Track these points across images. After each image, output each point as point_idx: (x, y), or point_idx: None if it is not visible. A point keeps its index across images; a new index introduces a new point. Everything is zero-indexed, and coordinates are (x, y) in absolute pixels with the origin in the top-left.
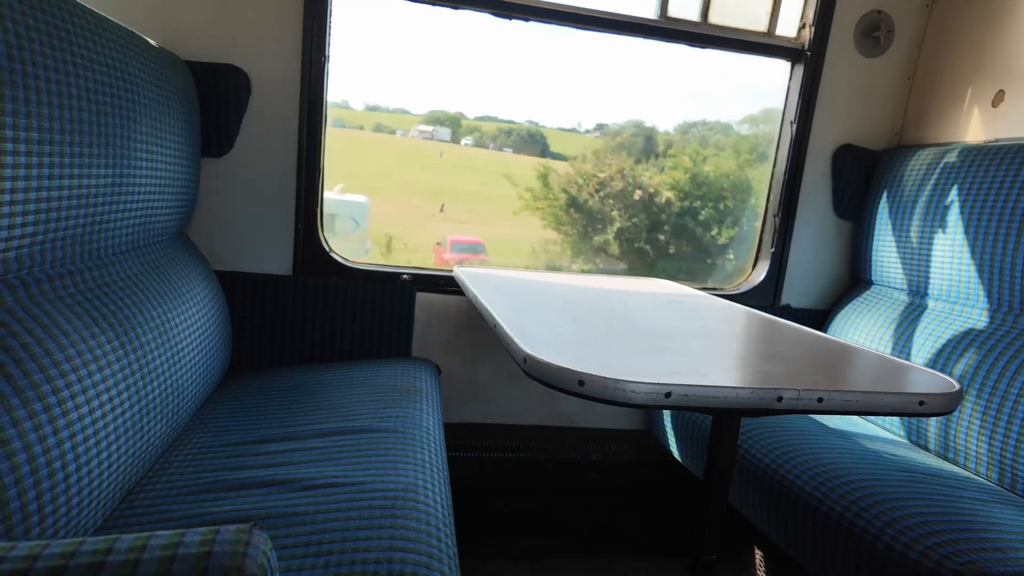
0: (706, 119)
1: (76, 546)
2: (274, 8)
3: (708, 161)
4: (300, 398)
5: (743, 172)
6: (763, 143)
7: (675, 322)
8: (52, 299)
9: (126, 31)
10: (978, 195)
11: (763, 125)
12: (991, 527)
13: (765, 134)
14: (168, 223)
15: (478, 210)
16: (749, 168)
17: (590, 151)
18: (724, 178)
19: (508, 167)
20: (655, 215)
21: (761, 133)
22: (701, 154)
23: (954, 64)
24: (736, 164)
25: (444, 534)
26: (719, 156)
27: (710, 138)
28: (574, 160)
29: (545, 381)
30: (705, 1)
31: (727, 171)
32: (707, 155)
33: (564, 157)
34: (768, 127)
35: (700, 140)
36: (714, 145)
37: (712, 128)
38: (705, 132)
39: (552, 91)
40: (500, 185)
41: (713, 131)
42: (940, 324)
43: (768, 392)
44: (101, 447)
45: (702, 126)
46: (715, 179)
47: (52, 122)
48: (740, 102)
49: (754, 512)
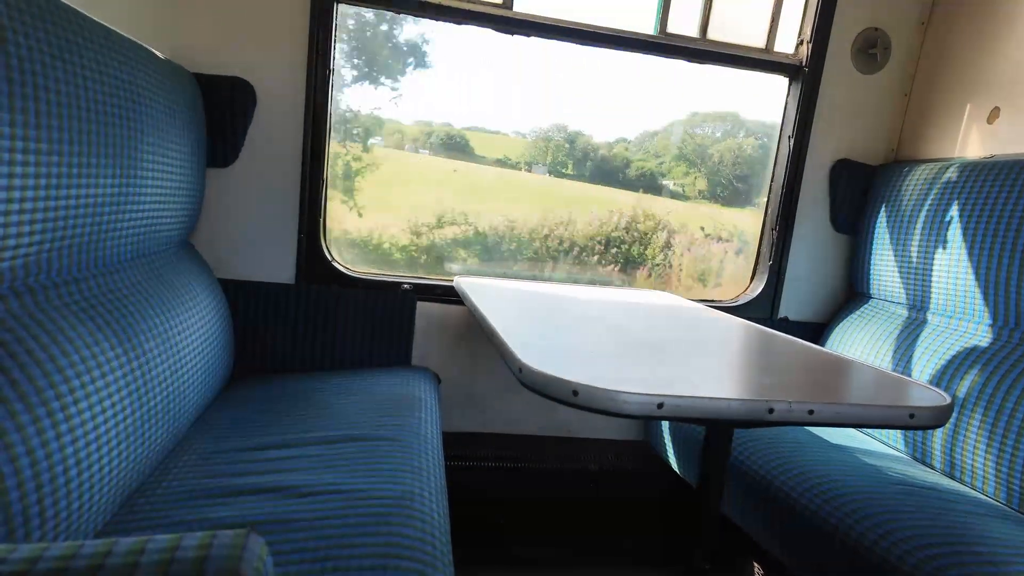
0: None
1: (76, 549)
2: (281, 22)
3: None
4: (300, 405)
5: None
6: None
7: (671, 333)
8: (57, 306)
9: (134, 44)
10: (977, 211)
11: (695, 128)
12: (985, 541)
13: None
14: (173, 232)
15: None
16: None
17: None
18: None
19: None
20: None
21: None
22: (623, 157)
23: (950, 81)
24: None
25: (440, 542)
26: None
27: (646, 144)
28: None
29: (540, 391)
30: (704, 17)
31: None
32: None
33: (486, 159)
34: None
35: (637, 145)
36: (645, 150)
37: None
38: (645, 139)
39: (492, 94)
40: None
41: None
42: (940, 338)
43: (759, 404)
44: (103, 452)
45: (644, 134)
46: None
47: (60, 132)
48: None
49: (751, 523)
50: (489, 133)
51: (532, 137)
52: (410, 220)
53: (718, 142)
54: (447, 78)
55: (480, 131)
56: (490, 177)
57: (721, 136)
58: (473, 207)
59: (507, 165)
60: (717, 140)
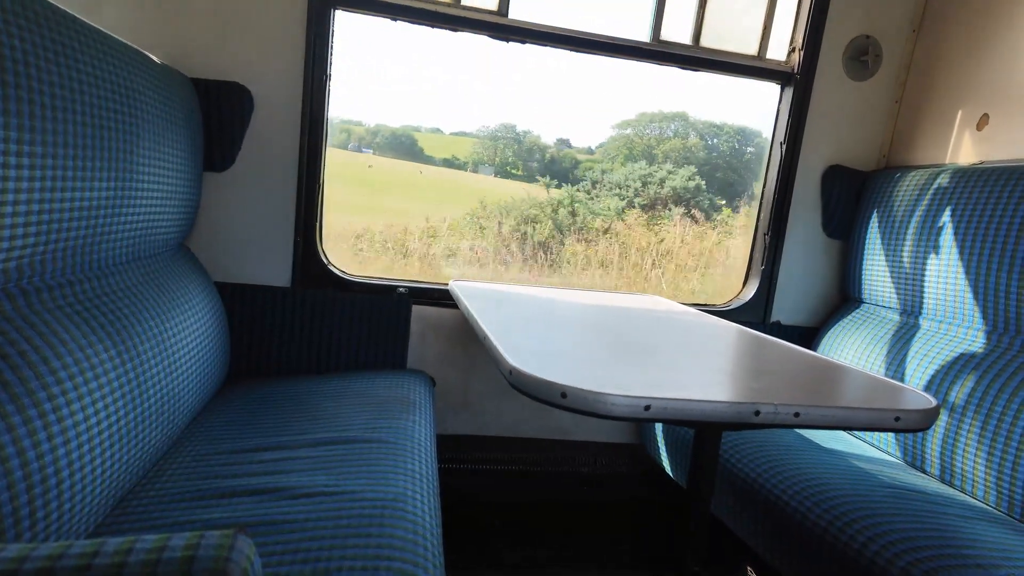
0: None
1: (64, 549)
2: (278, 28)
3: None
4: (295, 408)
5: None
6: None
7: (661, 337)
8: (51, 308)
9: (131, 49)
10: (967, 216)
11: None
12: (974, 544)
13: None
14: (169, 235)
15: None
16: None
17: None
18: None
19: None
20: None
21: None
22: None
23: (940, 88)
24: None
25: (431, 543)
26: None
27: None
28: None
29: (529, 393)
30: (697, 25)
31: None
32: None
33: (434, 160)
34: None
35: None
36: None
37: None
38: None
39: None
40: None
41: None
42: (933, 343)
43: (746, 406)
44: (95, 453)
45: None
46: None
47: (55, 136)
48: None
49: (742, 526)
50: (438, 133)
51: (482, 137)
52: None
53: (666, 141)
54: (394, 77)
55: (427, 131)
56: (428, 177)
57: (671, 135)
58: (393, 204)
59: (454, 165)
60: (666, 139)
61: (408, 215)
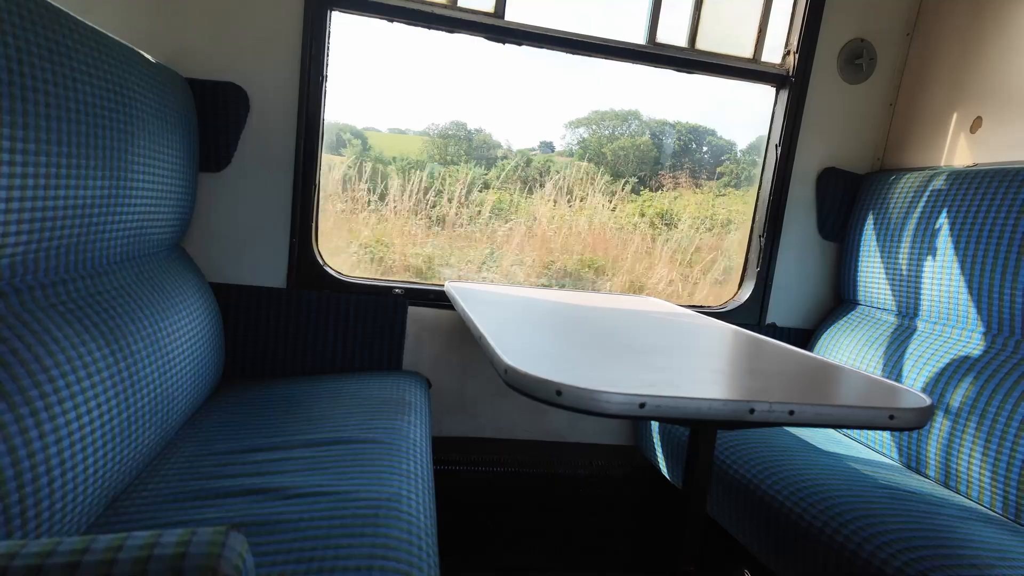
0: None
1: (54, 545)
2: (275, 29)
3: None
4: (290, 409)
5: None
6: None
7: (657, 338)
8: (44, 307)
9: (126, 48)
10: (962, 218)
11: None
12: (969, 544)
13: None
14: (164, 235)
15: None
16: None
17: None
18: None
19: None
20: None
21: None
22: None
23: (934, 91)
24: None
25: (426, 543)
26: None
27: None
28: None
29: (524, 391)
30: (692, 27)
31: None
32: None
33: (386, 159)
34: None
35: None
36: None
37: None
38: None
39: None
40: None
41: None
42: (929, 345)
43: (740, 404)
44: (87, 453)
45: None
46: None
47: (48, 134)
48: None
49: (739, 528)
50: (384, 132)
51: (433, 135)
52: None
53: (615, 139)
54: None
55: (375, 131)
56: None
57: (618, 134)
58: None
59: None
60: (616, 137)
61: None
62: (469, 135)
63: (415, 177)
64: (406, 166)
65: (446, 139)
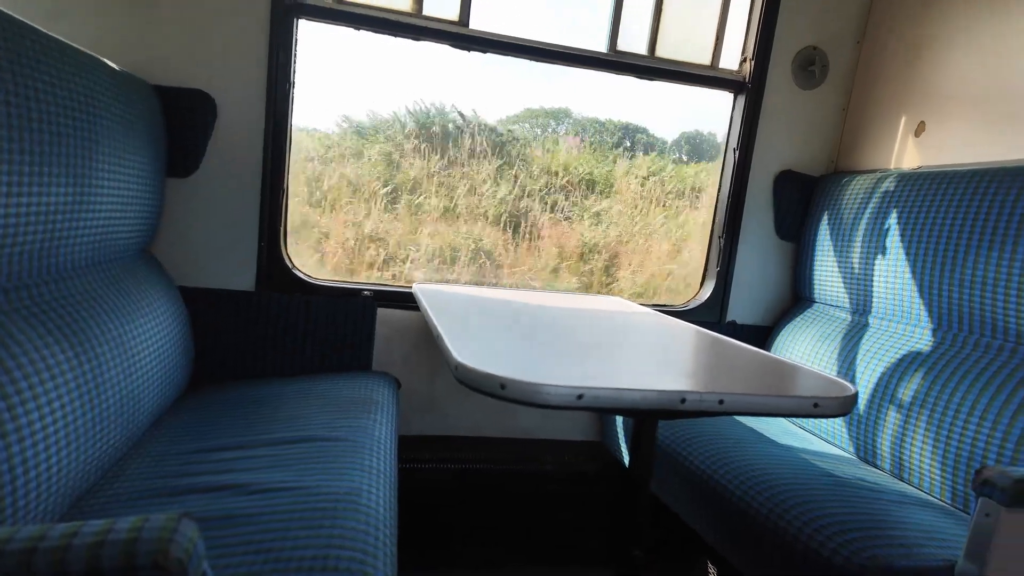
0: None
1: (12, 533)
2: (242, 37)
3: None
4: (258, 410)
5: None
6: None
7: (609, 335)
8: (7, 311)
9: (90, 57)
10: (910, 218)
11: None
12: (900, 526)
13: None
14: (130, 240)
15: None
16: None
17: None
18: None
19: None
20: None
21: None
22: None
23: (883, 97)
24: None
25: (383, 534)
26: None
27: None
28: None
29: (472, 386)
30: (652, 35)
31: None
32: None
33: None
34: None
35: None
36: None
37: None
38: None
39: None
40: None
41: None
42: (881, 341)
43: (672, 394)
44: (51, 452)
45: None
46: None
47: (11, 143)
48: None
49: (694, 518)
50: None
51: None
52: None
53: (537, 139)
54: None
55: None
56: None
57: (542, 133)
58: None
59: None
60: (538, 136)
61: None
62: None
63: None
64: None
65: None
